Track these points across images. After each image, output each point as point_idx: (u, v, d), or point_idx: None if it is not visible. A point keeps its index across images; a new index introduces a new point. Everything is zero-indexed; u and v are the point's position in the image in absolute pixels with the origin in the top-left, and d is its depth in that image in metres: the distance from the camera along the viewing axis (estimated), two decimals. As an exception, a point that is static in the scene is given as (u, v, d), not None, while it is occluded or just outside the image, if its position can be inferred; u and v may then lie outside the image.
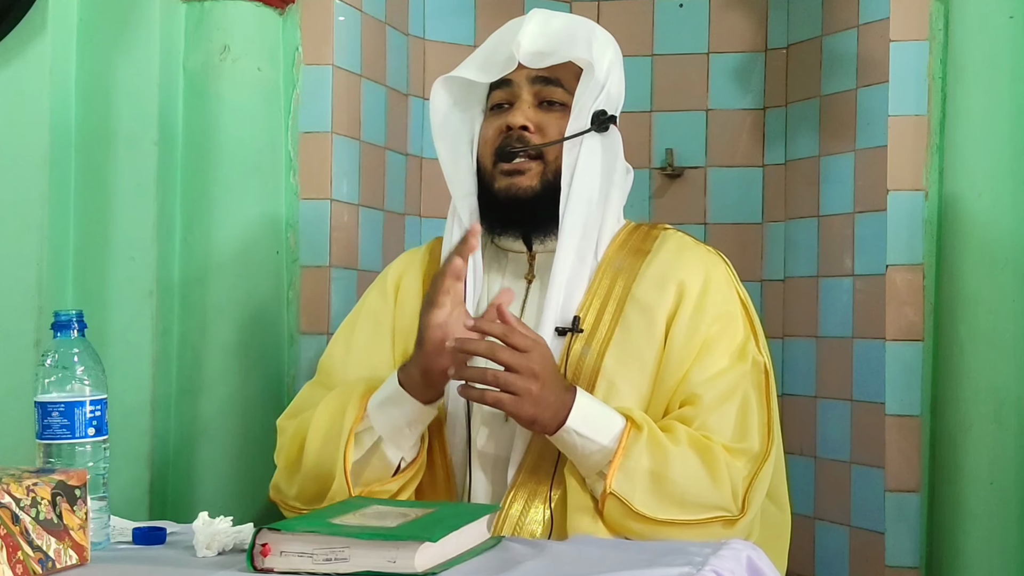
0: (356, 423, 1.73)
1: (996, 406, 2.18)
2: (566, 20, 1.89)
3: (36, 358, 1.96)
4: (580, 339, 1.80)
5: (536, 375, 1.65)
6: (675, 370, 1.78)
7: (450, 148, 1.92)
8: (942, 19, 2.29)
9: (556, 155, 1.83)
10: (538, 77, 1.85)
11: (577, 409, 1.69)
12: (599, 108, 1.84)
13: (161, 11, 2.27)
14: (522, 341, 1.66)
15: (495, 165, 1.85)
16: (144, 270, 2.23)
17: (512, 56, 1.84)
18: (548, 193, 1.83)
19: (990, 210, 2.20)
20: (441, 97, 1.91)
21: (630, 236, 1.91)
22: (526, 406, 1.66)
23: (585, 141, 1.83)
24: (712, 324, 1.80)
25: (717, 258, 1.90)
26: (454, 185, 1.90)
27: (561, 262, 1.81)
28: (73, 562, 1.38)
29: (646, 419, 1.71)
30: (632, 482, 1.67)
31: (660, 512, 1.67)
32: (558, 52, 1.83)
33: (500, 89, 1.88)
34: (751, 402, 1.78)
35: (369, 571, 1.32)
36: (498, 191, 1.84)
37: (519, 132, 1.83)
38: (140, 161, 2.23)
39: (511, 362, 1.65)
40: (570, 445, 1.70)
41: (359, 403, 1.75)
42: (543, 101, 1.86)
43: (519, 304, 1.87)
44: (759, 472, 1.74)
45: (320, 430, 1.77)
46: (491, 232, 1.88)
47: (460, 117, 1.92)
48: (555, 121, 1.84)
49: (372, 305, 1.96)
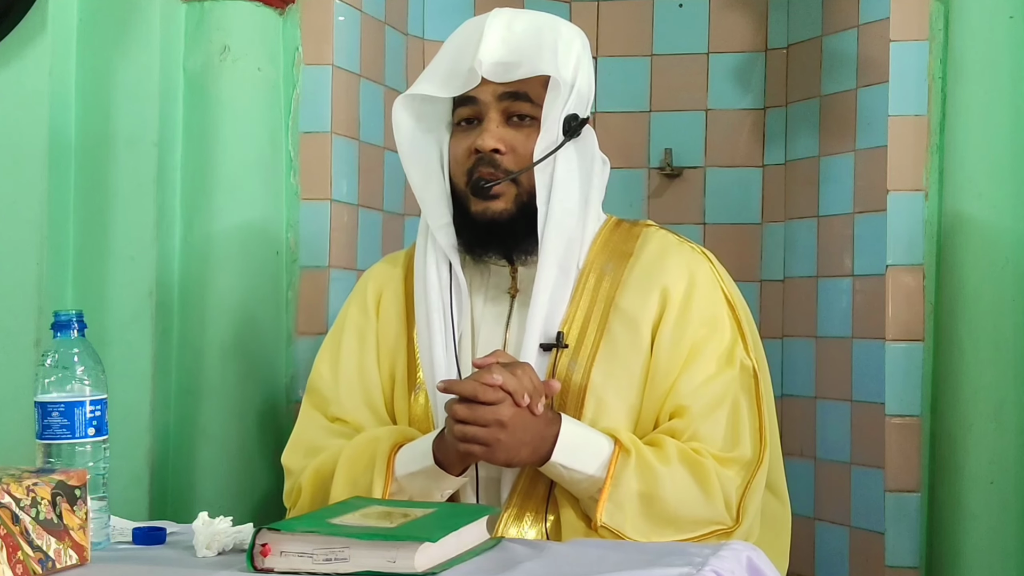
0: (386, 494, 1.72)
1: (996, 406, 2.18)
2: (528, 23, 1.81)
3: (36, 358, 1.96)
4: (566, 355, 1.77)
5: (503, 424, 1.63)
6: (663, 380, 1.76)
7: (420, 170, 1.85)
8: (942, 19, 2.29)
9: (529, 176, 1.78)
10: (505, 93, 1.78)
11: (562, 442, 1.68)
12: (569, 113, 1.78)
13: (161, 11, 2.27)
14: (492, 396, 1.64)
15: (469, 189, 1.80)
16: (144, 270, 2.23)
17: (474, 70, 1.76)
18: (525, 214, 1.78)
19: (990, 210, 2.20)
20: (403, 118, 1.84)
21: (612, 235, 1.87)
22: (497, 454, 1.66)
23: (559, 155, 1.77)
24: (698, 329, 1.78)
25: (701, 257, 1.86)
26: (429, 210, 1.84)
27: (544, 279, 1.77)
28: (73, 562, 1.38)
29: (634, 441, 1.70)
30: (623, 512, 1.66)
31: (654, 536, 1.67)
32: (522, 65, 1.76)
33: (465, 106, 1.81)
34: (741, 408, 1.76)
35: (369, 571, 1.31)
36: (475, 214, 1.80)
37: (490, 155, 1.78)
38: (140, 162, 2.23)
39: (470, 417, 1.64)
40: (558, 476, 1.70)
41: (387, 467, 1.73)
42: (512, 116, 1.79)
43: (503, 321, 1.85)
44: (752, 479, 1.73)
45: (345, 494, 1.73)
46: (470, 253, 1.84)
47: (425, 137, 1.85)
48: (525, 138, 1.78)
49: (354, 321, 1.93)
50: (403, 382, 1.86)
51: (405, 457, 1.74)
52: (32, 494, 1.33)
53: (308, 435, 1.88)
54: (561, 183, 1.78)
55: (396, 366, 1.87)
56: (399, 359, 1.87)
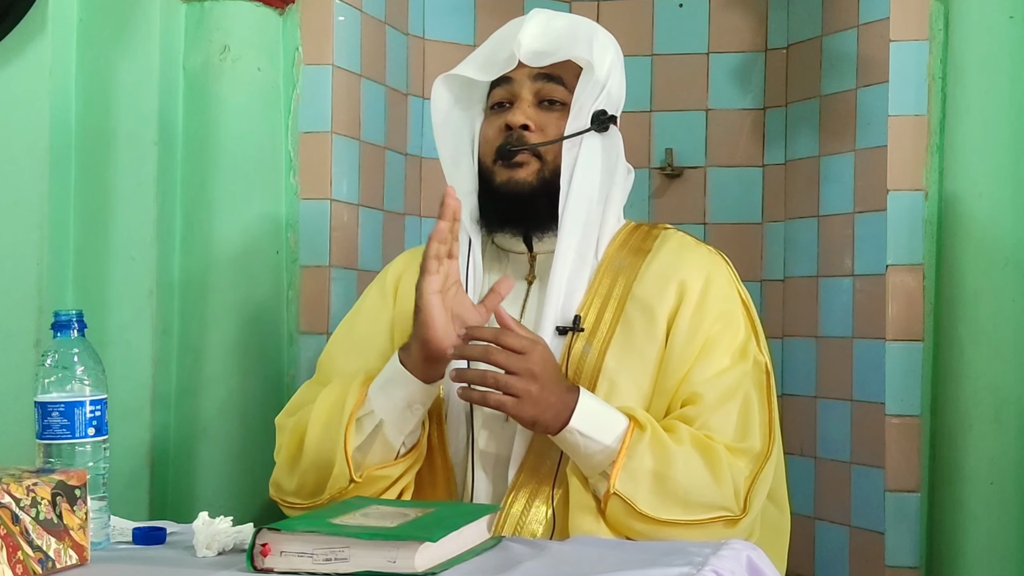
0: (357, 408, 1.73)
1: (996, 406, 2.18)
2: (568, 20, 1.90)
3: (36, 358, 1.97)
4: (581, 338, 1.80)
5: (535, 376, 1.65)
6: (676, 369, 1.78)
7: (451, 147, 1.92)
8: (942, 19, 2.29)
9: (555, 154, 1.83)
10: (539, 75, 1.85)
11: (580, 409, 1.69)
12: (599, 108, 1.84)
13: (161, 11, 2.27)
14: (517, 342, 1.66)
15: (495, 163, 1.85)
16: (144, 270, 2.23)
17: (513, 55, 1.84)
18: (546, 191, 1.83)
19: (990, 210, 2.20)
20: (442, 96, 1.91)
21: (631, 236, 1.91)
22: (527, 408, 1.66)
23: (585, 141, 1.83)
24: (713, 324, 1.80)
25: (718, 258, 1.90)
26: (454, 183, 1.89)
27: (561, 261, 1.81)
28: (73, 562, 1.38)
29: (649, 419, 1.71)
30: (636, 482, 1.67)
31: (663, 512, 1.67)
32: (559, 51, 1.84)
33: (500, 87, 1.88)
34: (752, 402, 1.78)
35: (369, 571, 1.32)
36: (499, 186, 1.84)
37: (519, 131, 1.84)
38: (140, 161, 2.23)
39: (507, 364, 1.65)
40: (573, 445, 1.70)
41: (360, 389, 1.75)
42: (543, 100, 1.86)
43: (519, 305, 1.87)
44: (760, 472, 1.74)
45: (320, 419, 1.77)
46: (490, 229, 1.88)
47: (461, 116, 1.93)
48: (555, 120, 1.85)
49: (371, 304, 1.96)
50: None
51: (379, 377, 1.76)
52: (32, 494, 1.33)
53: (302, 400, 1.90)
54: (583, 168, 1.82)
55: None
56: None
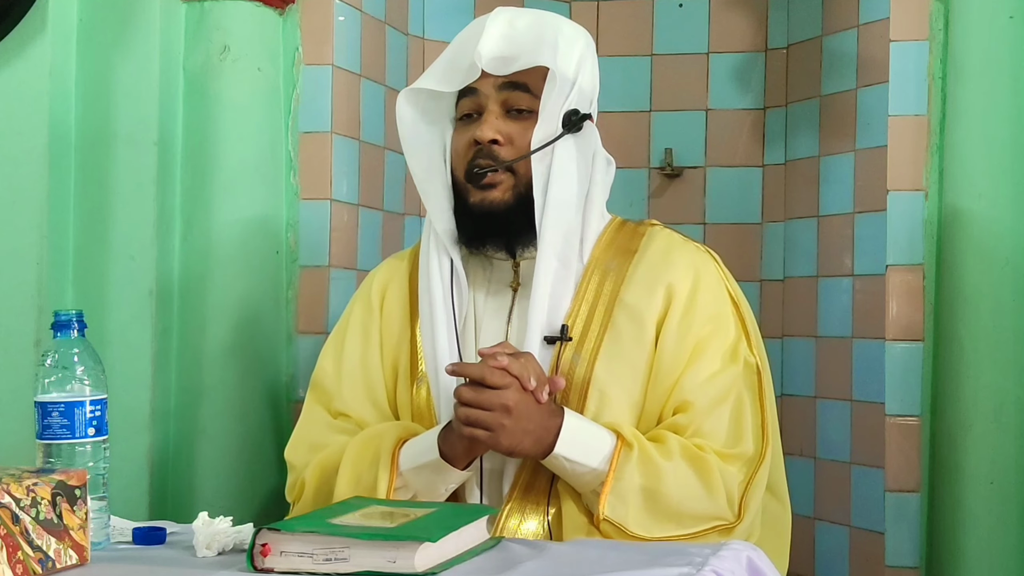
0: (390, 489, 1.71)
1: (996, 406, 2.18)
2: (531, 19, 1.83)
3: (36, 358, 1.96)
4: (569, 347, 1.77)
5: (508, 409, 1.64)
6: (667, 375, 1.77)
7: (423, 163, 1.87)
8: (942, 19, 2.29)
9: (527, 167, 1.79)
10: (504, 84, 1.80)
11: (564, 434, 1.68)
12: (570, 108, 1.80)
13: (161, 11, 2.27)
14: (499, 379, 1.65)
15: (465, 178, 1.81)
16: (144, 270, 2.23)
17: (474, 64, 1.78)
18: (522, 205, 1.79)
19: (990, 210, 2.20)
20: (406, 111, 1.86)
21: (617, 234, 1.88)
22: (501, 440, 1.65)
23: (557, 147, 1.78)
24: (703, 326, 1.79)
25: (706, 256, 1.87)
26: (429, 200, 1.86)
27: (543, 272, 1.78)
28: (73, 562, 1.38)
29: (636, 435, 1.70)
30: (626, 505, 1.66)
31: (656, 531, 1.67)
32: (521, 57, 1.78)
33: (467, 98, 1.83)
34: (744, 405, 1.77)
35: (369, 571, 1.31)
36: (472, 205, 1.81)
37: (488, 146, 1.79)
38: (140, 161, 2.23)
39: (476, 400, 1.64)
40: (560, 469, 1.70)
41: (391, 462, 1.72)
42: (511, 109, 1.81)
43: (505, 314, 1.85)
44: (755, 476, 1.73)
45: (349, 488, 1.74)
46: (470, 247, 1.85)
47: (429, 130, 1.87)
48: (524, 130, 1.79)
49: (359, 317, 1.94)
50: (406, 374, 1.86)
51: (410, 452, 1.74)
52: (32, 494, 1.33)
53: (311, 430, 1.88)
54: (558, 175, 1.78)
55: (399, 358, 1.88)
56: (402, 351, 1.88)
